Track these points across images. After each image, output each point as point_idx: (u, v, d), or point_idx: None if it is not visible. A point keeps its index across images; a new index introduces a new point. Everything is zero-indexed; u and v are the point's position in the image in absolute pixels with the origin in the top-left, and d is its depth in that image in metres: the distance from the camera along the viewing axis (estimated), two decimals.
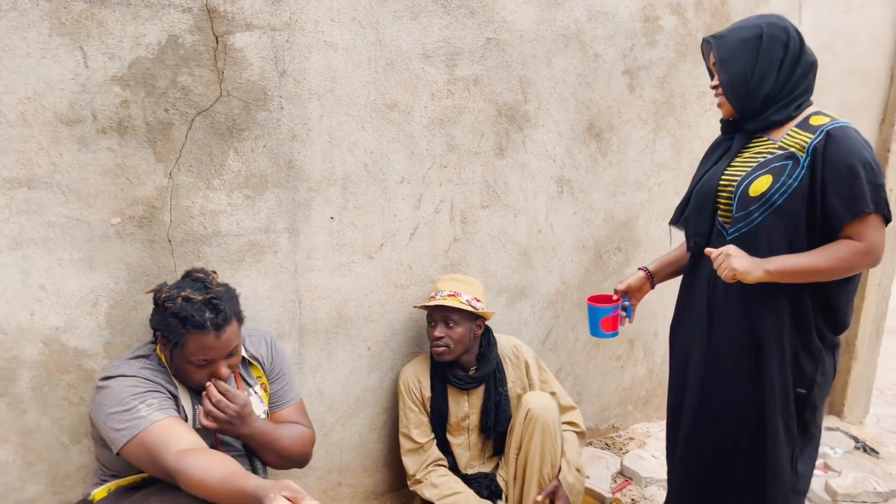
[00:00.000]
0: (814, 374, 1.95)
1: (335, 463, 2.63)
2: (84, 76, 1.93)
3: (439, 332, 2.43)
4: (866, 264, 1.85)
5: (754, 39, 1.90)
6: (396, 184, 2.49)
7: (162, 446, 1.67)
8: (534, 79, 2.68)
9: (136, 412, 1.73)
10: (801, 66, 1.90)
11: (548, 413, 2.35)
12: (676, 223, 2.19)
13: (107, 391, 1.79)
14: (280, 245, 2.32)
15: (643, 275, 2.30)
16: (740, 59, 1.91)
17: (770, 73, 1.89)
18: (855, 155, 1.79)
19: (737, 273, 1.85)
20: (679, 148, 3.13)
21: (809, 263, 1.83)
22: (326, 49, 2.26)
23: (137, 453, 1.71)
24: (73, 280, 2.03)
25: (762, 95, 1.91)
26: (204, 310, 1.79)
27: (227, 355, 1.87)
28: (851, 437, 3.63)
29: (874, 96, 3.55)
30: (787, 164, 1.85)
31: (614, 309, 2.23)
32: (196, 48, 2.06)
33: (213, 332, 1.80)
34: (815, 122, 1.87)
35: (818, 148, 1.81)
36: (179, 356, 1.82)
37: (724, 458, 2.08)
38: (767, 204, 1.86)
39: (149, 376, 1.84)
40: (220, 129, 2.15)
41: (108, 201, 2.03)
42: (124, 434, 1.71)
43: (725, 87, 1.95)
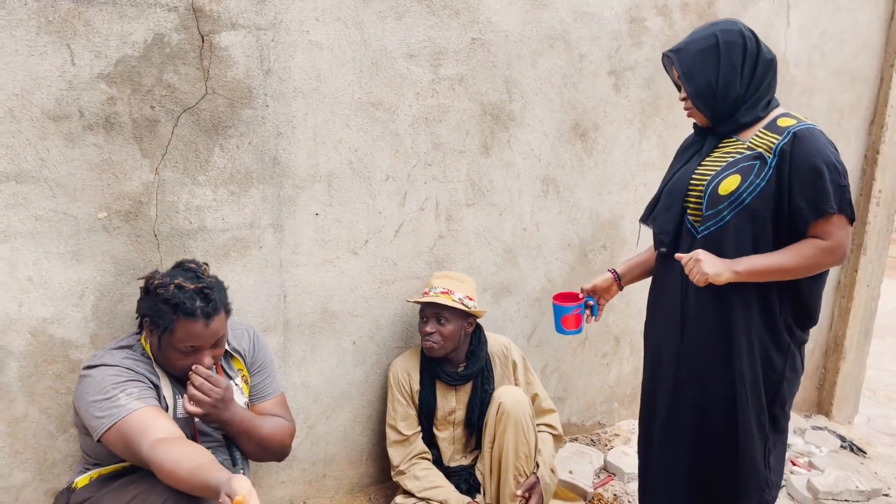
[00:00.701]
0: (783, 370, 1.99)
1: (320, 455, 2.67)
2: (71, 73, 1.98)
3: (430, 328, 2.47)
4: (831, 262, 1.88)
5: (712, 49, 1.94)
6: (381, 181, 2.53)
7: (138, 435, 1.71)
8: (519, 79, 2.71)
9: (116, 401, 1.77)
10: (760, 65, 1.94)
11: (519, 407, 2.39)
12: (646, 221, 2.22)
13: (89, 380, 1.83)
14: (265, 240, 2.37)
15: (610, 276, 2.34)
16: (702, 69, 1.95)
17: (734, 78, 1.93)
18: (820, 156, 1.83)
19: (708, 277, 1.89)
20: (665, 148, 3.15)
21: (777, 263, 1.87)
22: (311, 48, 2.30)
23: (116, 441, 1.75)
24: (61, 272, 2.08)
25: (731, 100, 1.95)
26: (195, 298, 1.84)
27: (212, 345, 1.91)
28: (838, 436, 3.65)
29: (863, 97, 3.58)
30: (754, 164, 1.89)
31: (575, 308, 2.27)
32: (182, 47, 2.10)
33: (202, 320, 1.84)
34: (782, 124, 1.90)
35: (785, 149, 1.85)
36: (167, 342, 1.86)
37: (700, 454, 2.10)
38: (737, 203, 1.90)
39: (131, 366, 1.88)
40: (206, 126, 2.19)
41: (94, 196, 2.07)
42: (104, 422, 1.76)
43: (693, 99, 2.00)
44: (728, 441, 2.03)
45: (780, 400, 2.02)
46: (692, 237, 2.02)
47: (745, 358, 1.97)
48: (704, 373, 2.05)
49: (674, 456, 2.16)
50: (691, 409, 2.09)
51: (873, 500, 3.01)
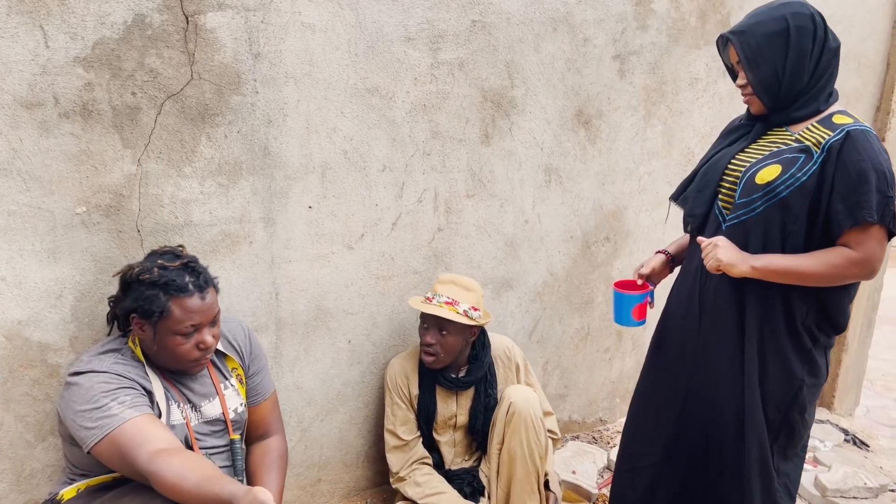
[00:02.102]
0: (802, 375, 1.90)
1: (314, 459, 2.56)
2: (45, 57, 1.83)
3: (431, 339, 2.33)
4: (859, 276, 1.77)
5: (782, 34, 1.77)
6: (378, 172, 2.40)
7: (134, 446, 1.60)
8: (521, 63, 2.59)
9: (108, 410, 1.67)
10: (825, 53, 1.80)
11: (530, 406, 2.29)
12: (676, 199, 2.11)
13: (76, 388, 1.72)
14: (256, 235, 2.24)
15: (664, 258, 2.21)
16: (769, 56, 1.79)
17: (803, 68, 1.79)
18: (870, 161, 1.70)
19: (721, 264, 1.81)
20: (670, 136, 3.05)
21: (798, 266, 1.77)
22: (304, 30, 2.16)
23: (108, 453, 1.65)
24: (36, 271, 1.94)
25: (795, 91, 1.81)
26: (183, 274, 1.78)
27: (210, 323, 1.82)
28: (841, 429, 3.60)
29: (869, 83, 3.49)
30: (799, 157, 1.78)
31: (645, 296, 2.13)
32: (165, 28, 1.96)
33: (196, 293, 1.77)
34: (837, 121, 1.78)
35: (834, 146, 1.73)
36: (164, 329, 1.76)
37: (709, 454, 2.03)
38: (772, 194, 1.79)
39: (121, 371, 1.77)
40: (192, 113, 2.05)
41: (72, 189, 1.93)
42: (95, 433, 1.65)
43: (757, 88, 1.84)
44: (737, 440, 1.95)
45: (799, 406, 1.93)
46: (718, 224, 1.92)
47: (755, 351, 1.89)
48: (717, 368, 1.97)
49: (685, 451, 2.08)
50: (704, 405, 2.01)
51: (881, 496, 2.95)
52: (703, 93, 3.06)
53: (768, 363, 1.89)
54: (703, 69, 3.00)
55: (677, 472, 2.09)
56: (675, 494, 2.11)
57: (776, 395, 1.90)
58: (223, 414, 1.95)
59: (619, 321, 2.17)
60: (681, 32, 2.92)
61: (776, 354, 1.88)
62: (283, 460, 2.11)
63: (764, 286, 1.84)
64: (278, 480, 2.05)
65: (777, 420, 1.93)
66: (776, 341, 1.88)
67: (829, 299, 1.85)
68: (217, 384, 1.96)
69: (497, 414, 2.36)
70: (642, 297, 2.13)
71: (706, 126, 3.12)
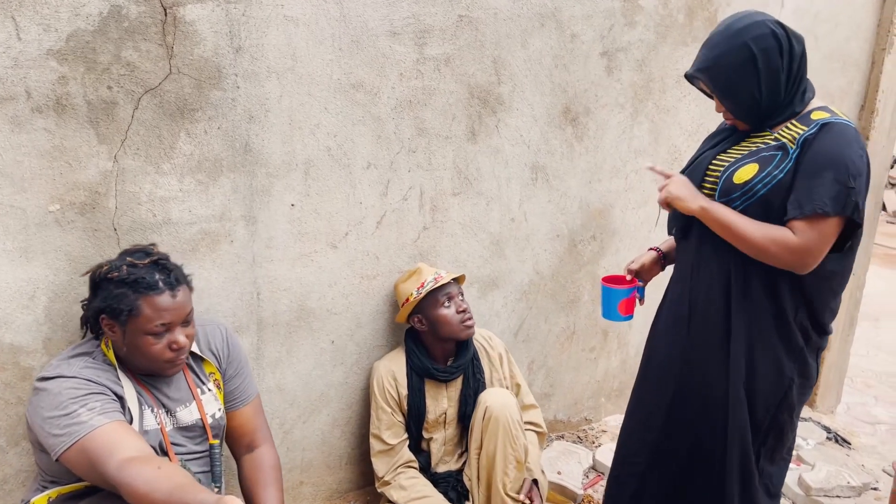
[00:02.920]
0: (792, 374, 1.88)
1: (297, 462, 2.51)
2: (16, 49, 1.76)
3: (465, 305, 2.38)
4: (789, 262, 1.74)
5: (749, 62, 1.74)
6: (362, 169, 2.35)
7: (104, 454, 1.55)
8: (508, 59, 2.55)
9: (77, 417, 1.61)
10: (794, 60, 1.77)
11: (507, 411, 2.25)
12: None
13: (44, 394, 1.66)
14: (237, 234, 2.18)
15: (655, 255, 2.20)
16: (743, 86, 1.78)
17: (776, 84, 1.77)
18: (834, 152, 1.69)
19: (670, 196, 1.86)
20: (657, 134, 3.02)
21: (740, 225, 1.77)
22: (286, 24, 2.10)
23: (77, 461, 1.59)
24: (8, 271, 1.87)
25: (775, 105, 1.81)
26: (153, 271, 1.73)
27: (183, 321, 1.76)
28: (823, 427, 3.61)
29: (854, 82, 3.49)
30: (776, 154, 1.77)
31: (632, 291, 2.12)
32: (142, 20, 1.89)
33: (167, 291, 1.72)
34: (815, 117, 1.77)
35: (808, 140, 1.73)
36: (134, 329, 1.70)
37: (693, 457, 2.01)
38: (750, 193, 1.78)
39: (91, 376, 1.71)
40: (170, 109, 1.99)
41: (45, 186, 1.86)
42: (64, 440, 1.59)
43: (738, 114, 1.86)
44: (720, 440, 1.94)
45: (788, 406, 1.91)
46: (702, 224, 1.90)
47: (743, 351, 1.87)
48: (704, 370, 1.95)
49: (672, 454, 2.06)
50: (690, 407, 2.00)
51: (864, 495, 2.96)
52: (690, 90, 3.03)
53: (757, 363, 1.87)
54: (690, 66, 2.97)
55: (664, 478, 2.08)
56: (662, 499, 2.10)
57: (765, 394, 1.89)
58: (201, 419, 1.90)
59: (606, 315, 2.16)
60: (668, 29, 2.90)
61: (766, 354, 1.87)
62: (276, 472, 2.05)
63: (753, 286, 1.83)
64: (277, 495, 1.99)
65: (766, 421, 1.91)
66: (767, 340, 1.86)
67: (812, 293, 1.83)
68: (193, 389, 1.91)
69: (474, 418, 2.32)
70: (629, 292, 2.12)
71: (693, 124, 3.10)
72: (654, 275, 2.23)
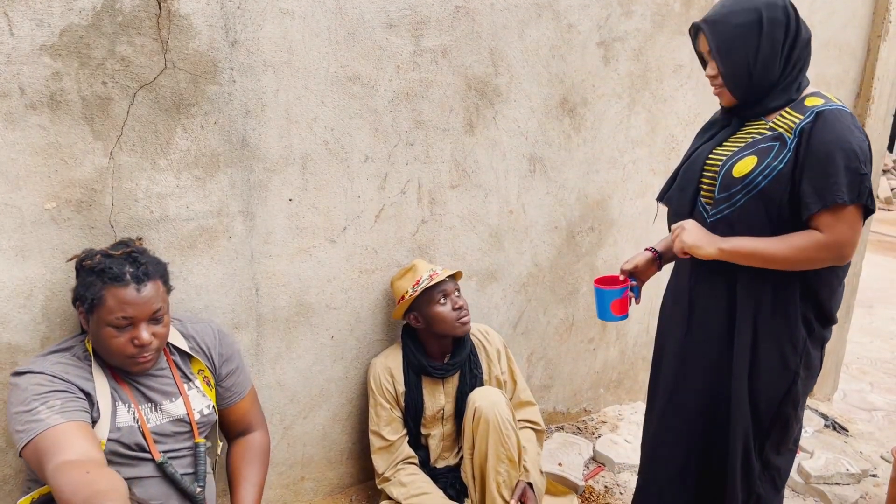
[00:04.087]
0: (797, 367, 1.87)
1: (297, 457, 2.50)
2: (9, 45, 1.73)
3: (462, 302, 2.36)
4: (828, 259, 1.73)
5: (754, 25, 1.73)
6: (360, 163, 2.33)
7: (49, 455, 1.54)
8: (505, 50, 2.53)
9: (36, 414, 1.60)
10: (798, 44, 1.77)
11: (496, 409, 2.22)
12: (662, 199, 2.08)
13: (15, 389, 1.67)
14: (234, 229, 2.16)
15: (651, 255, 2.17)
16: (740, 47, 1.75)
17: (774, 60, 1.75)
18: (838, 140, 1.66)
19: (685, 246, 1.81)
20: (654, 123, 3.01)
21: (766, 249, 1.74)
22: (282, 16, 2.08)
23: (32, 459, 1.59)
24: (4, 270, 1.84)
25: (767, 83, 1.78)
26: (123, 263, 1.71)
27: (149, 318, 1.72)
28: (821, 415, 3.62)
29: (850, 69, 3.48)
30: (773, 145, 1.75)
31: (624, 291, 2.10)
32: (136, 14, 1.86)
33: (132, 284, 1.69)
34: (808, 104, 1.75)
35: (805, 129, 1.70)
36: (98, 319, 1.68)
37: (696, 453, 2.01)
38: (750, 186, 1.76)
39: (58, 372, 1.69)
40: (166, 104, 1.97)
41: (40, 184, 1.84)
42: (22, 437, 1.59)
43: (727, 79, 1.80)
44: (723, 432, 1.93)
45: (793, 399, 1.90)
46: (703, 220, 1.88)
47: (747, 346, 1.86)
48: (706, 367, 1.94)
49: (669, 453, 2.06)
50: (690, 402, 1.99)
51: (863, 482, 2.98)
52: (686, 79, 3.02)
53: (762, 357, 1.86)
54: (687, 56, 2.97)
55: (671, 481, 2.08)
56: None
57: (770, 388, 1.88)
58: (188, 415, 1.88)
59: (601, 317, 2.15)
60: (665, 18, 2.88)
61: (771, 348, 1.85)
62: (264, 454, 2.05)
63: (755, 280, 1.82)
64: (258, 474, 2.00)
65: (770, 414, 1.90)
66: (771, 334, 1.85)
67: (819, 285, 1.82)
68: (180, 384, 1.88)
69: (465, 419, 2.30)
70: (621, 293, 2.10)
71: (690, 113, 3.09)
72: (651, 275, 2.21)
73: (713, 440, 1.99)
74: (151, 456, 1.78)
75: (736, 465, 1.92)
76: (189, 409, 1.88)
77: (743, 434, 1.90)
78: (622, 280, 2.14)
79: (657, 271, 2.21)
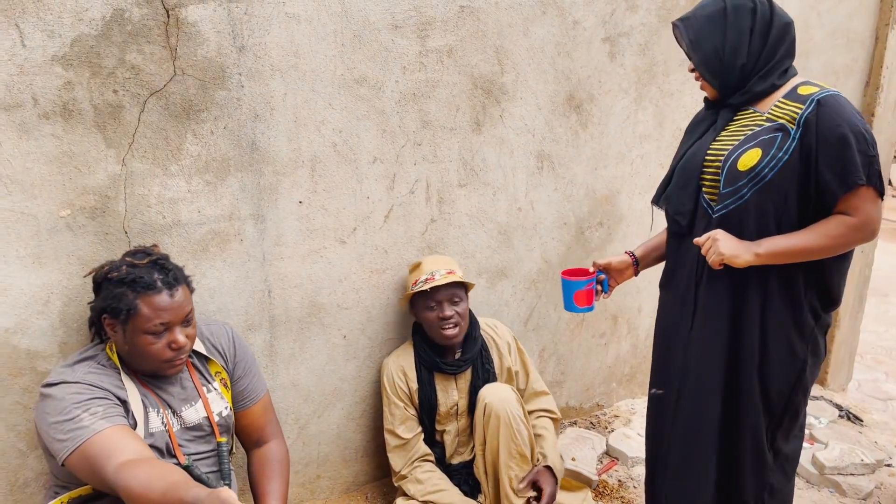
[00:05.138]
0: (805, 355, 1.88)
1: (313, 456, 2.53)
2: (21, 56, 1.77)
3: (449, 312, 2.33)
4: (861, 240, 1.75)
5: (719, 14, 1.81)
6: (368, 164, 2.35)
7: (104, 458, 1.56)
8: (511, 49, 2.54)
9: (79, 422, 1.63)
10: (774, 29, 1.80)
11: (506, 405, 2.24)
12: (658, 202, 2.08)
13: (49, 399, 1.68)
14: (246, 232, 2.19)
15: (627, 259, 2.20)
16: (709, 37, 1.83)
17: (741, 43, 1.80)
18: (847, 124, 1.69)
19: (724, 258, 1.77)
20: (662, 118, 3.01)
21: (801, 243, 1.75)
22: (288, 21, 2.10)
23: (80, 465, 1.61)
24: (22, 278, 1.88)
25: (737, 68, 1.82)
26: (152, 271, 1.74)
27: (183, 321, 1.77)
28: (835, 405, 3.61)
29: (859, 58, 3.46)
30: (776, 136, 1.75)
31: (587, 283, 2.12)
32: (145, 23, 1.89)
33: (165, 290, 1.73)
34: (803, 92, 1.77)
35: (810, 118, 1.71)
36: (134, 328, 1.71)
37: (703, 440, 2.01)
38: (757, 178, 1.76)
39: (94, 381, 1.72)
40: (176, 110, 1.99)
41: (55, 192, 1.87)
42: (67, 445, 1.61)
43: (700, 68, 1.87)
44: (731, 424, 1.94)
45: (802, 387, 1.91)
46: (708, 217, 1.89)
47: (756, 340, 1.86)
48: (710, 356, 1.94)
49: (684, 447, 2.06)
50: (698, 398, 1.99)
51: (878, 472, 2.97)
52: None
53: (770, 348, 1.87)
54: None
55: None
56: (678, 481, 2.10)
57: (780, 378, 1.88)
58: (208, 417, 1.91)
59: (566, 307, 2.18)
60: (670, 12, 2.88)
61: (779, 338, 1.86)
62: (283, 466, 2.07)
63: (761, 272, 1.82)
64: (281, 488, 2.01)
65: (781, 404, 1.91)
66: (778, 325, 1.85)
67: (829, 272, 1.83)
68: (199, 388, 1.92)
69: (476, 415, 2.32)
70: (583, 284, 2.13)
71: (697, 106, 3.05)
72: (626, 278, 2.24)
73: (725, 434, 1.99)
74: (177, 459, 1.82)
75: (747, 458, 1.93)
76: (209, 412, 1.91)
77: (754, 426, 1.91)
78: (591, 272, 2.17)
79: (634, 276, 2.24)
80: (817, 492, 2.85)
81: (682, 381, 2.02)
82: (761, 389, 1.89)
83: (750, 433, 1.91)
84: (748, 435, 1.91)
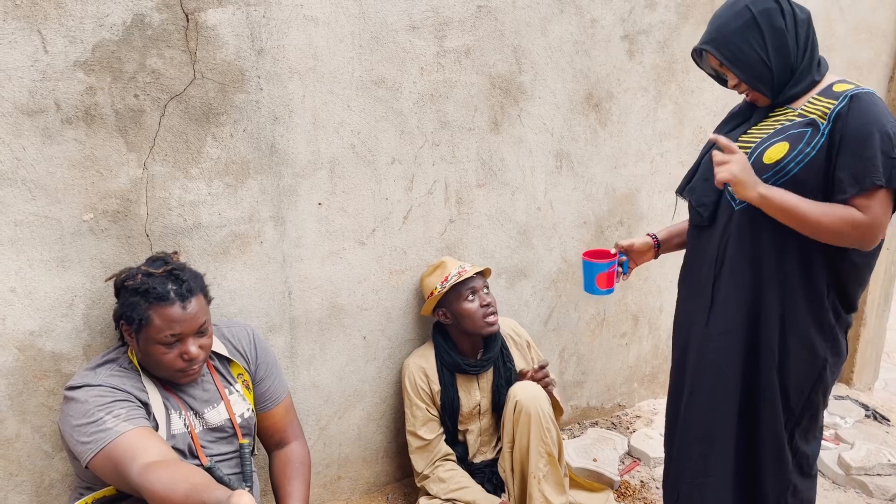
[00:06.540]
0: (825, 354, 1.85)
1: (334, 457, 2.54)
2: (44, 62, 1.79)
3: (489, 299, 2.37)
4: (858, 239, 1.70)
5: (749, 24, 1.75)
6: (387, 165, 2.36)
7: (127, 460, 1.58)
8: (528, 48, 2.53)
9: (103, 424, 1.64)
10: (799, 25, 1.77)
11: (537, 403, 2.24)
12: (682, 192, 2.06)
13: (72, 402, 1.70)
14: (266, 235, 2.20)
15: (650, 241, 2.18)
16: (749, 49, 1.76)
17: (784, 42, 1.76)
18: (875, 123, 1.65)
19: (732, 178, 1.71)
20: (681, 115, 2.99)
21: (803, 210, 1.69)
22: (306, 23, 2.11)
23: (104, 467, 1.62)
24: (46, 281, 1.90)
25: (788, 67, 1.78)
26: (166, 282, 1.73)
27: (196, 332, 1.77)
28: (861, 405, 3.56)
29: (882, 53, 3.41)
30: (806, 131, 1.73)
31: (611, 265, 2.09)
32: (165, 28, 1.91)
33: (177, 302, 1.72)
34: (838, 89, 1.74)
35: (841, 113, 1.68)
36: (147, 338, 1.72)
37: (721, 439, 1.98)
38: (782, 172, 1.74)
39: (116, 384, 1.74)
40: (196, 114, 2.01)
41: (78, 196, 1.90)
42: (91, 447, 1.63)
43: (750, 81, 1.81)
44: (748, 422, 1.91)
45: (823, 386, 1.89)
46: (731, 209, 1.86)
47: (776, 337, 1.84)
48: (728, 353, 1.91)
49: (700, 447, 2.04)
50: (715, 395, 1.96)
51: None
52: None
53: (790, 346, 1.84)
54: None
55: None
56: None
57: (799, 377, 1.86)
58: (230, 419, 1.92)
59: (587, 289, 2.14)
60: (690, 9, 2.85)
61: (799, 335, 1.83)
62: (305, 467, 2.07)
63: (781, 264, 1.79)
64: (302, 489, 2.02)
65: (801, 403, 1.89)
66: (798, 322, 1.83)
67: (851, 276, 1.80)
68: (221, 390, 1.93)
69: (505, 412, 2.32)
70: (606, 266, 2.09)
71: (718, 104, 3.06)
72: (646, 260, 2.21)
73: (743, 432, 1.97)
74: (200, 461, 1.83)
75: (767, 457, 1.90)
76: (231, 414, 1.92)
77: (773, 425, 1.88)
78: (613, 254, 2.14)
79: (654, 258, 2.21)
80: (843, 492, 2.81)
81: (697, 377, 2.00)
82: (780, 387, 1.87)
83: (769, 431, 1.89)
84: (767, 433, 1.89)
